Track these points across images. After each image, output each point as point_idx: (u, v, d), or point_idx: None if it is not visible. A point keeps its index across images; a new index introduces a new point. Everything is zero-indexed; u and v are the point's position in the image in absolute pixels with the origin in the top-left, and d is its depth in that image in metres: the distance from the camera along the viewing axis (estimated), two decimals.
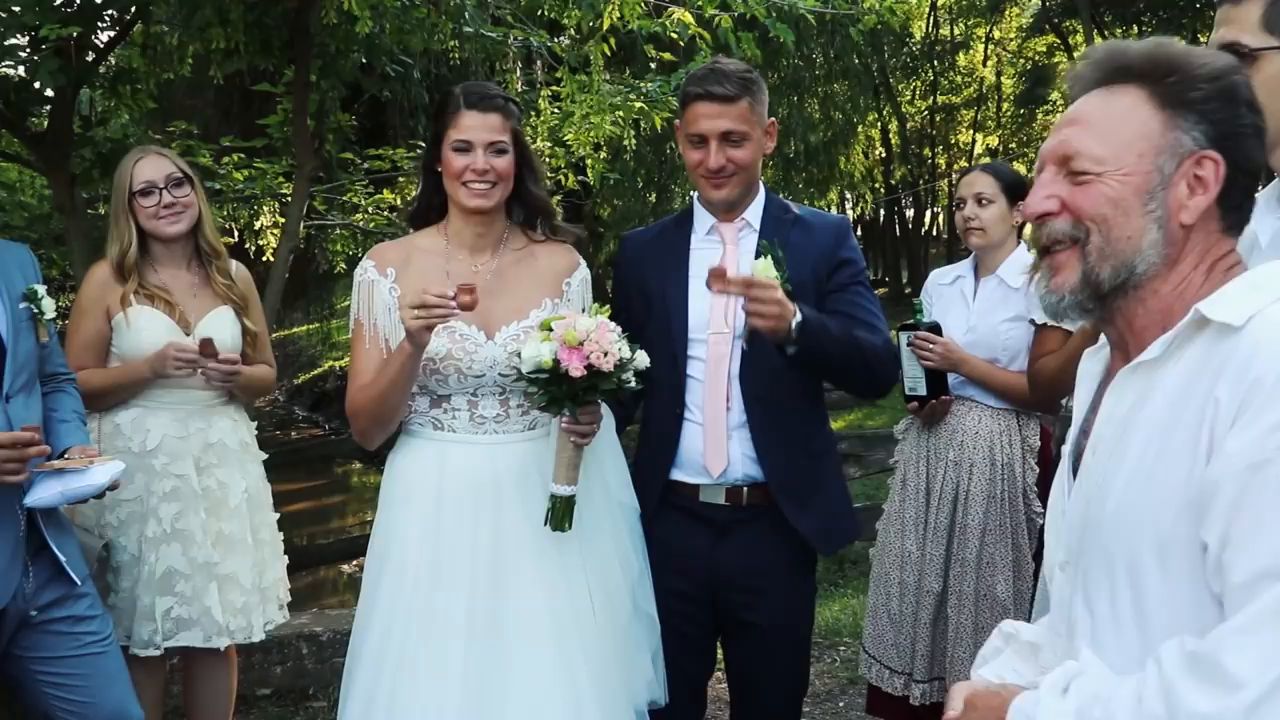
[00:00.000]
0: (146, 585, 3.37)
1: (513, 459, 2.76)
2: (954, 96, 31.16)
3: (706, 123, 2.82)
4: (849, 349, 2.80)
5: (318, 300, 18.52)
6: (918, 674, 3.76)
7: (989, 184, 3.77)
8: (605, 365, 2.54)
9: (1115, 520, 1.46)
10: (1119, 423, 1.51)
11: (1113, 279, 1.51)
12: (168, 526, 3.38)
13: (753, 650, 2.99)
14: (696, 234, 2.99)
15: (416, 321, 2.51)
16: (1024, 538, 3.67)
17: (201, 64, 5.52)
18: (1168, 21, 22.23)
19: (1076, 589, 1.54)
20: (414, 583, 2.72)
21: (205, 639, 3.44)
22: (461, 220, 2.82)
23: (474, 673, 2.65)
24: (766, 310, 2.59)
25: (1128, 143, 1.51)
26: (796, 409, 2.87)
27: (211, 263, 3.57)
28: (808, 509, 2.89)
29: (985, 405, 3.72)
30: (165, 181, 3.42)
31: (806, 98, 17.35)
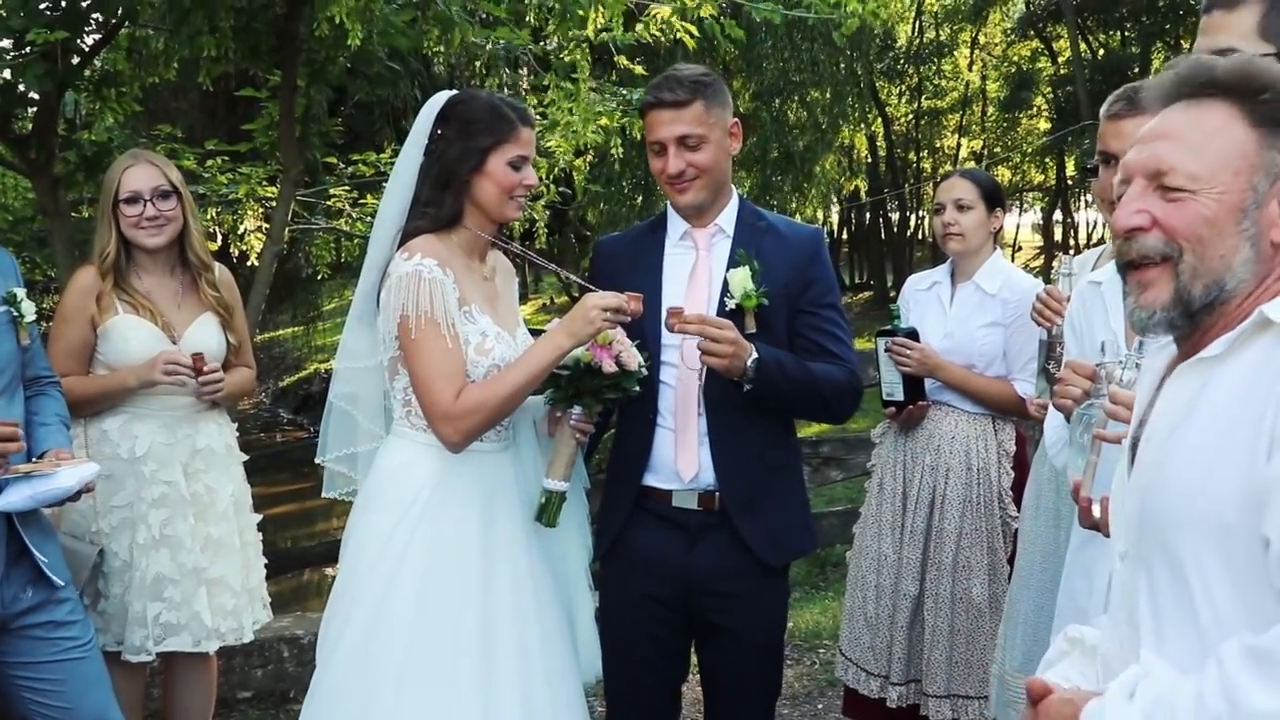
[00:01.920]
0: (137, 591, 3.38)
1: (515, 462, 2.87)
2: (939, 100, 31.23)
3: (662, 129, 2.86)
4: (806, 388, 2.86)
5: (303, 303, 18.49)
6: (894, 676, 3.79)
7: (968, 190, 3.81)
8: (630, 364, 2.72)
9: (1173, 514, 1.47)
10: (1176, 416, 1.51)
11: (1204, 297, 1.51)
12: (156, 533, 3.38)
13: (725, 653, 3.01)
14: (670, 240, 3.02)
15: (606, 323, 2.65)
16: (999, 541, 3.71)
17: (186, 67, 5.53)
18: (1151, 27, 22.36)
19: (1138, 579, 1.54)
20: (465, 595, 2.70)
21: (194, 643, 3.45)
22: (481, 229, 2.84)
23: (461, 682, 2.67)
24: (720, 350, 2.68)
25: (1223, 161, 1.50)
26: (755, 420, 2.88)
27: (201, 274, 3.56)
28: (757, 520, 2.91)
29: (961, 410, 3.76)
30: (151, 193, 3.40)
31: (789, 102, 17.38)
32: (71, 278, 3.50)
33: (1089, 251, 3.48)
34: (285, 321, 22.74)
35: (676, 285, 2.95)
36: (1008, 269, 3.86)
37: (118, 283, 3.43)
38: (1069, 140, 23.07)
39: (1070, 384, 2.37)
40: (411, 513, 2.72)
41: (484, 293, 2.83)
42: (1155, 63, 23.30)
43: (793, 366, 2.83)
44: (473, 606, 2.68)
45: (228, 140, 6.17)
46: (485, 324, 2.74)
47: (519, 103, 2.91)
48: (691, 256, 2.97)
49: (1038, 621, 3.08)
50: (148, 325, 3.42)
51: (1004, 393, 3.72)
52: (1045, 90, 27.37)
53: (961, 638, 3.70)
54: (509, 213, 2.83)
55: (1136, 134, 2.26)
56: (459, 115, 2.79)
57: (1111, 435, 2.02)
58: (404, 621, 2.65)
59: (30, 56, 4.06)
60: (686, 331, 2.72)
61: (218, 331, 3.54)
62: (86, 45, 4.73)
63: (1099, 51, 25.07)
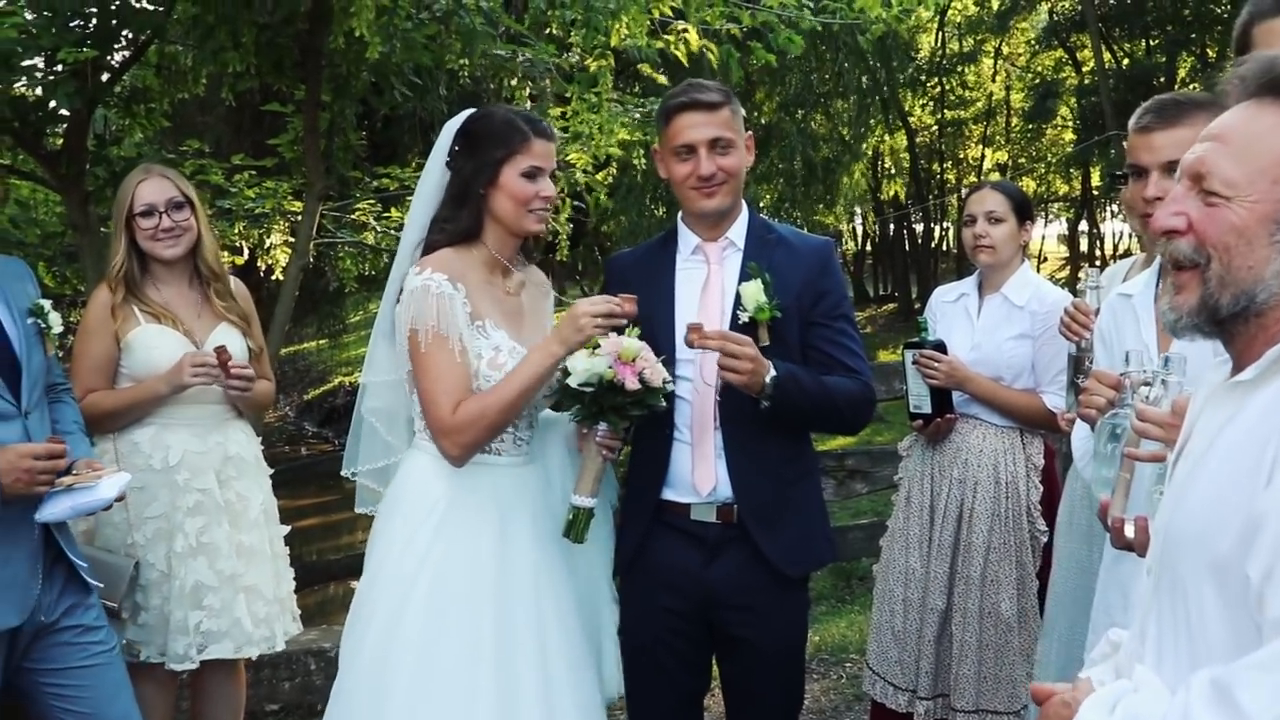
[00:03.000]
0: (178, 600, 3.39)
1: (536, 476, 2.89)
2: (962, 111, 31.14)
3: (694, 131, 2.87)
4: (822, 403, 2.87)
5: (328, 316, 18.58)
6: (922, 691, 3.77)
7: (999, 202, 3.79)
8: (654, 380, 2.68)
9: (1184, 536, 1.45)
10: (1207, 438, 1.49)
11: (1231, 306, 1.47)
12: (193, 541, 3.40)
13: (747, 666, 3.00)
14: (681, 254, 3.02)
15: (598, 329, 2.68)
16: (1028, 555, 3.69)
17: (213, 82, 5.57)
18: (1177, 36, 22.23)
19: (1153, 596, 1.53)
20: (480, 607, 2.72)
21: (236, 650, 3.48)
22: (502, 242, 2.86)
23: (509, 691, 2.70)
24: (740, 366, 2.68)
25: (1262, 168, 1.45)
26: (772, 433, 2.88)
27: (211, 284, 3.59)
28: (775, 532, 2.91)
29: (990, 423, 3.74)
30: (165, 205, 3.44)
31: (812, 114, 17.38)
32: (92, 296, 3.54)
33: (1118, 263, 3.45)
34: (310, 335, 22.84)
35: (689, 300, 2.96)
36: (1036, 281, 3.84)
37: (136, 295, 3.46)
38: (1094, 151, 22.94)
39: (1095, 393, 2.36)
40: (428, 524, 2.76)
41: (503, 308, 2.85)
42: (1181, 72, 23.17)
43: (809, 382, 2.83)
44: (488, 618, 2.70)
45: (253, 154, 6.22)
46: (499, 338, 2.77)
47: (536, 115, 2.93)
48: (703, 271, 2.98)
49: (1071, 638, 3.06)
50: (171, 332, 3.45)
51: (1032, 405, 3.70)
52: (1070, 100, 27.23)
53: (990, 652, 3.68)
54: (528, 225, 2.83)
55: (1167, 145, 2.23)
56: (475, 130, 2.85)
57: (1144, 454, 1.99)
58: (418, 631, 2.69)
59: (61, 75, 4.10)
60: (707, 347, 2.72)
61: (239, 339, 3.57)
62: (116, 62, 4.77)
63: (1124, 61, 24.94)
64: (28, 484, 2.70)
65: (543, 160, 2.80)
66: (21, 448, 2.71)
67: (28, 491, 2.72)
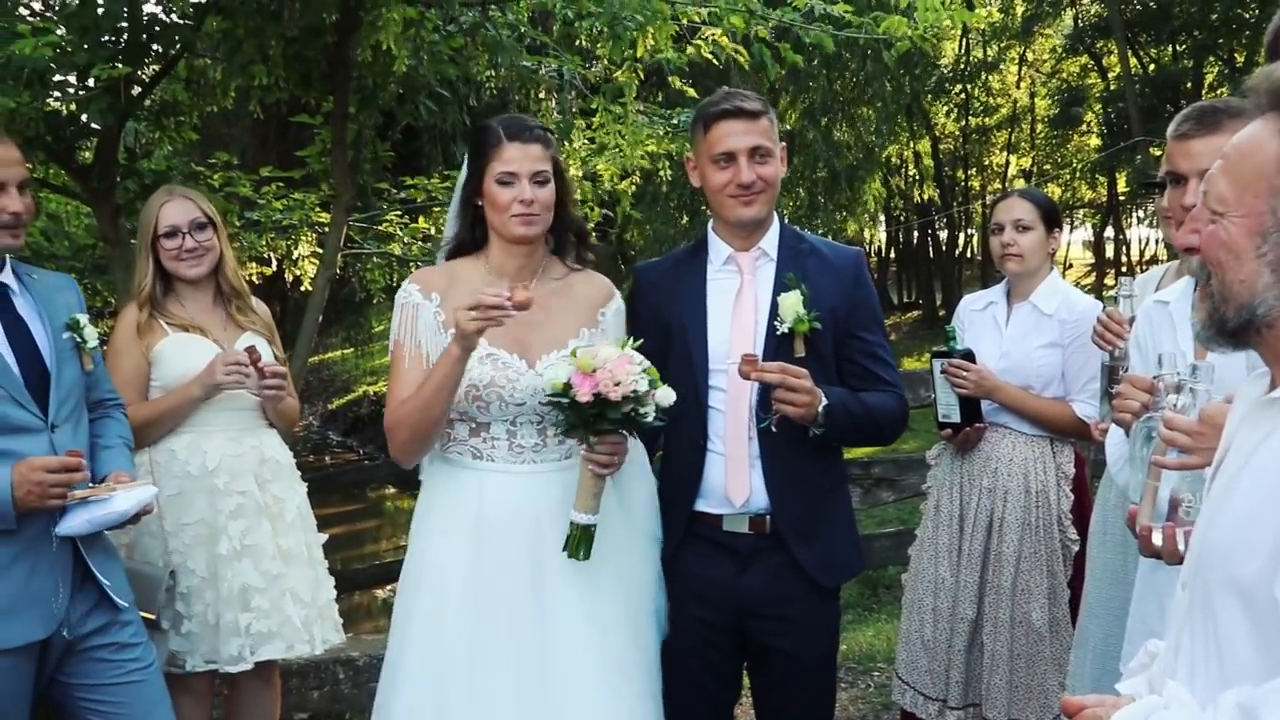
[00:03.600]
0: (227, 603, 3.41)
1: (551, 488, 2.78)
2: (987, 118, 31.05)
3: (735, 139, 2.86)
4: (866, 424, 2.89)
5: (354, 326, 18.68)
6: (952, 700, 3.76)
7: (1028, 210, 3.77)
8: (613, 395, 2.57)
9: (1215, 552, 1.45)
10: (1244, 454, 1.49)
11: (1236, 319, 1.48)
12: (237, 544, 3.43)
13: (779, 676, 3.00)
14: (713, 264, 3.01)
15: (473, 323, 2.57)
16: (1059, 564, 3.67)
17: (240, 95, 5.61)
18: (1204, 41, 22.10)
19: (1188, 611, 1.53)
20: (455, 613, 2.74)
21: (288, 648, 3.51)
22: (504, 251, 2.86)
23: (522, 702, 2.68)
24: (799, 400, 2.68)
25: (1248, 183, 1.46)
26: (807, 442, 2.87)
27: (232, 301, 3.64)
28: (811, 543, 2.91)
29: (1019, 432, 3.73)
30: (189, 226, 3.49)
31: (836, 121, 17.37)
32: (120, 315, 3.59)
33: (1153, 269, 3.44)
34: (335, 344, 22.97)
35: (721, 311, 2.95)
36: (1065, 289, 3.82)
37: (162, 311, 3.52)
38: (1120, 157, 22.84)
39: (1129, 398, 2.34)
40: (418, 529, 2.83)
41: None
42: (1208, 77, 23.04)
43: (855, 406, 2.85)
44: (516, 626, 2.71)
45: (280, 165, 6.26)
46: None
47: (524, 120, 2.90)
48: (735, 281, 2.97)
49: (1106, 649, 3.04)
50: (199, 339, 3.50)
51: (1062, 414, 3.68)
52: (1095, 107, 27.13)
53: (1021, 662, 3.66)
54: (514, 230, 2.80)
55: (1205, 153, 2.22)
56: (471, 141, 2.91)
57: (1171, 462, 1.99)
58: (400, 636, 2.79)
59: (94, 90, 4.15)
60: (765, 380, 2.70)
61: (266, 346, 3.60)
62: (146, 77, 4.82)
63: (1150, 67, 24.82)
64: (40, 497, 2.69)
65: (517, 164, 2.77)
66: (35, 460, 2.71)
67: (41, 505, 2.71)
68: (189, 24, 4.70)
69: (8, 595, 2.72)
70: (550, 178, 2.82)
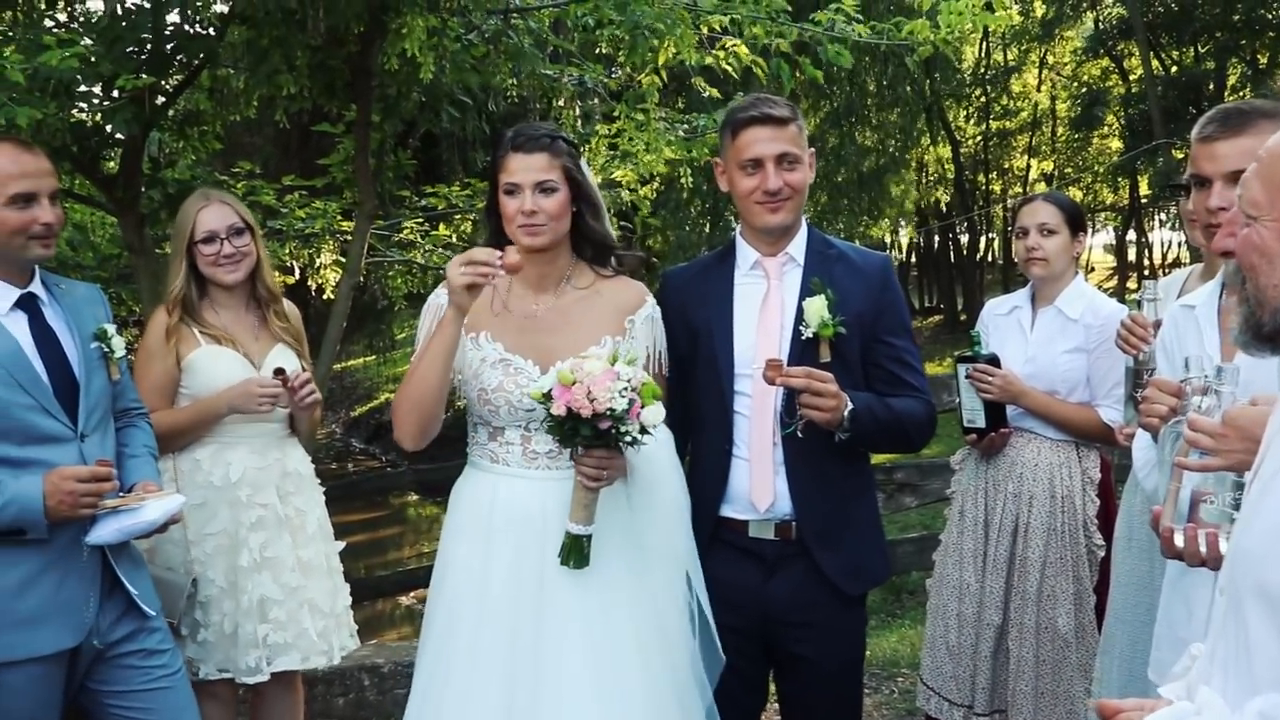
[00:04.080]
0: (245, 614, 3.43)
1: (563, 495, 2.77)
2: (1008, 121, 30.94)
3: (762, 145, 2.87)
4: (893, 429, 2.87)
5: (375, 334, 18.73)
6: (978, 706, 3.74)
7: (1052, 214, 3.76)
8: (584, 411, 2.55)
9: (1248, 558, 1.44)
10: None
11: (1272, 323, 1.48)
12: (257, 555, 3.44)
13: (805, 683, 3.00)
14: (740, 269, 3.02)
15: (462, 277, 2.61)
16: (1085, 570, 3.66)
17: (262, 104, 5.64)
18: (1226, 43, 21.96)
19: (1224, 617, 1.52)
20: (462, 615, 2.78)
21: (303, 660, 3.52)
22: (523, 259, 2.87)
23: (514, 708, 2.69)
24: (824, 405, 2.67)
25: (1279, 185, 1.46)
26: (832, 449, 2.87)
27: (269, 306, 3.64)
28: (835, 550, 2.91)
29: (1044, 437, 3.71)
30: (227, 231, 3.48)
31: (858, 125, 17.34)
32: (151, 318, 3.58)
33: (1176, 273, 3.42)
34: (357, 351, 23.04)
35: (748, 315, 2.95)
36: (1090, 293, 3.80)
37: (194, 318, 3.51)
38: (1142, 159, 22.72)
39: (1156, 401, 2.33)
40: (471, 534, 2.84)
41: (519, 323, 2.87)
42: (1231, 79, 22.89)
43: (881, 411, 2.84)
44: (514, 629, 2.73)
45: (301, 174, 6.29)
46: (488, 350, 2.83)
47: (532, 129, 2.91)
48: (762, 286, 2.97)
49: (1133, 655, 3.02)
50: (230, 353, 3.50)
51: (1088, 419, 3.66)
52: (1116, 109, 27.00)
53: (1047, 668, 3.64)
54: (520, 240, 2.81)
55: (1230, 155, 2.21)
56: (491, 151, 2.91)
57: (1193, 464, 1.98)
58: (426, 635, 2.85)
59: (119, 101, 4.18)
60: (790, 385, 2.70)
61: (294, 359, 3.61)
62: (170, 86, 4.85)
63: (1172, 69, 24.69)
64: (71, 506, 2.72)
65: (519, 175, 2.78)
66: (66, 470, 2.74)
67: (72, 514, 2.74)
68: (212, 34, 4.73)
69: (38, 604, 2.75)
70: (558, 186, 2.82)
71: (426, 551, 12.98)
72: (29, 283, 2.90)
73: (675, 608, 2.84)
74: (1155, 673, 2.51)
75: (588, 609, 2.74)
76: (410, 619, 10.33)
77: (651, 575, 2.83)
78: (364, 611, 9.21)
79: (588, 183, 2.94)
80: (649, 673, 2.76)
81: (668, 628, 2.81)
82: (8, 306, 2.83)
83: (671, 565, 2.87)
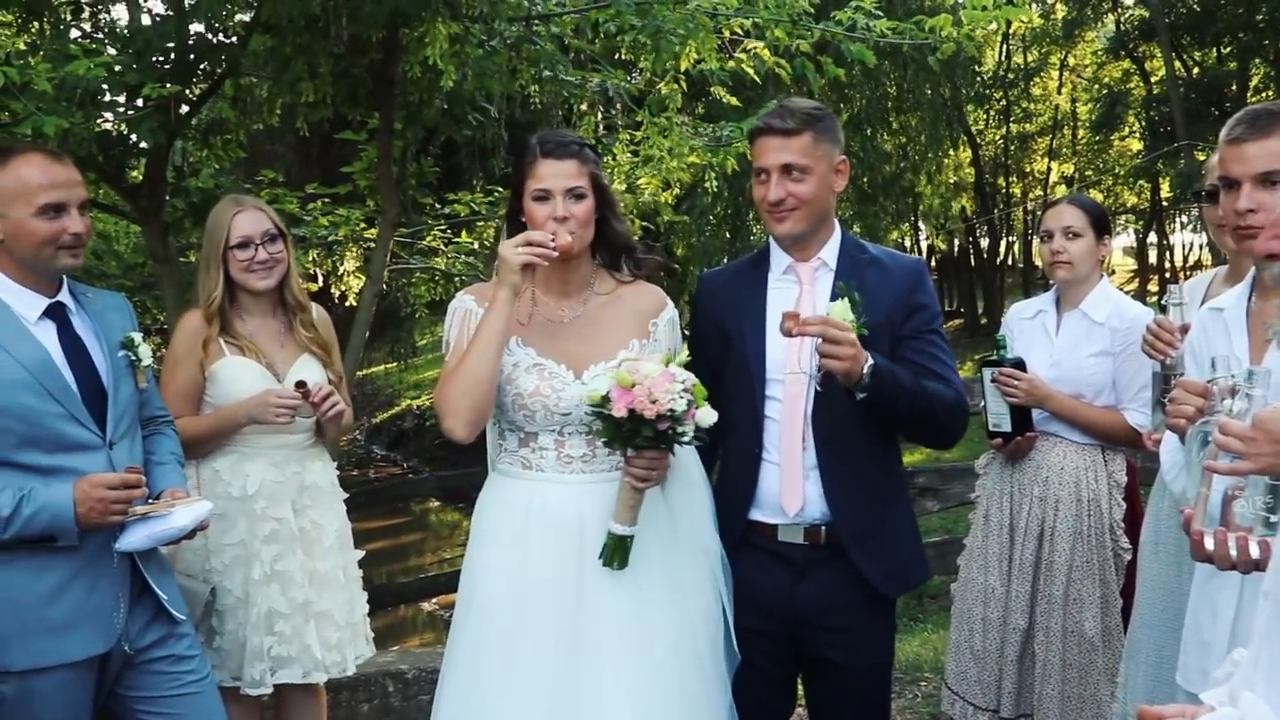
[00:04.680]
0: (255, 626, 3.44)
1: (599, 499, 2.78)
2: (1028, 124, 30.84)
3: (768, 156, 2.88)
4: (918, 400, 2.83)
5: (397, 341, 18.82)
6: (1004, 710, 3.73)
7: (1077, 217, 3.74)
8: (647, 413, 2.56)
9: None
10: None
11: None
12: (268, 568, 3.45)
13: (834, 687, 2.99)
14: (773, 274, 3.02)
15: (521, 256, 2.67)
16: (1111, 574, 3.64)
17: (285, 112, 5.68)
18: (1249, 43, 21.84)
19: (1268, 622, 1.52)
20: (499, 621, 2.77)
21: (304, 675, 3.51)
22: (548, 267, 2.87)
23: (557, 713, 2.69)
24: (840, 353, 2.64)
25: None
26: (867, 451, 2.87)
27: (296, 314, 3.65)
28: (874, 552, 2.89)
29: (1070, 441, 3.70)
30: (261, 237, 3.49)
31: (879, 129, 17.30)
32: (179, 323, 3.59)
33: (1199, 275, 3.39)
34: (379, 359, 23.12)
35: (780, 321, 2.95)
36: (1115, 296, 3.78)
37: (223, 327, 3.50)
38: (1163, 161, 22.60)
39: (1182, 403, 2.32)
40: (505, 539, 2.82)
41: (547, 329, 2.87)
42: (1254, 80, 22.76)
43: (906, 379, 2.80)
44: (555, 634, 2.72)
45: (323, 182, 6.32)
46: (520, 355, 2.83)
47: (561, 135, 2.92)
48: (794, 290, 2.97)
49: (1160, 660, 3.01)
50: (254, 365, 3.49)
51: (1114, 423, 3.65)
52: (1138, 111, 26.87)
53: (1074, 672, 3.63)
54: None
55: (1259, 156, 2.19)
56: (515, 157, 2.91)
57: (1223, 467, 1.96)
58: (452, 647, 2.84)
59: (145, 110, 4.21)
60: (806, 333, 2.68)
61: (319, 369, 3.61)
62: (194, 96, 4.88)
63: (1194, 70, 24.55)
64: (102, 513, 2.73)
65: (550, 181, 2.79)
66: (96, 477, 2.75)
67: (103, 521, 2.75)
68: (235, 42, 4.76)
69: (69, 611, 2.76)
70: (587, 192, 2.82)
71: (448, 558, 13.01)
72: (57, 292, 2.92)
73: (704, 606, 2.86)
74: (1182, 677, 2.50)
75: (625, 609, 2.75)
76: (433, 625, 10.36)
77: (683, 573, 2.85)
78: (387, 618, 9.25)
79: (609, 189, 2.96)
80: (681, 672, 2.77)
81: (697, 626, 2.83)
82: (37, 315, 2.84)
83: (703, 563, 2.89)
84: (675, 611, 2.80)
